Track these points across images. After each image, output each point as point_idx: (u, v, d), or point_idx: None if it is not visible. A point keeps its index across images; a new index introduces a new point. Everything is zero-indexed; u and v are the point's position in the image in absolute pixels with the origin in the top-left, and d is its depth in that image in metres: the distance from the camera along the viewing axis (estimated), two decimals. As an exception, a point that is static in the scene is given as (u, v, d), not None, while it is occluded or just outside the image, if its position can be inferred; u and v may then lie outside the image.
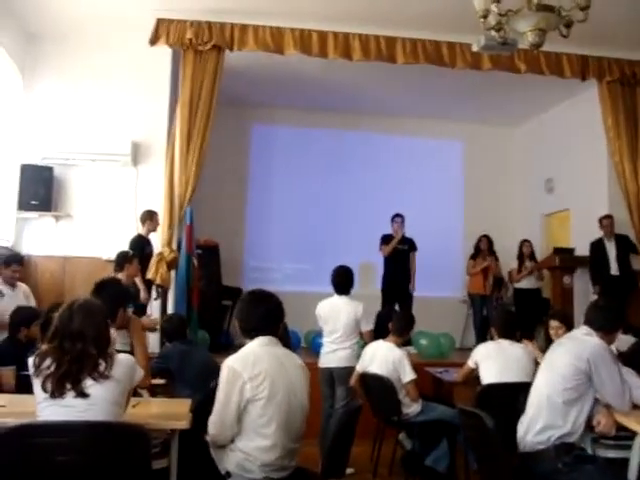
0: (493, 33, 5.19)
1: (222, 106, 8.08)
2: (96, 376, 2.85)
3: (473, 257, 10.05)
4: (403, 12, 7.51)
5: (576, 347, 3.65)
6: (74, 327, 2.92)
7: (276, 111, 11.05)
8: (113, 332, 3.47)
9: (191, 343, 5.33)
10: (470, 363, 5.38)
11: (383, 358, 5.46)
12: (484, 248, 9.95)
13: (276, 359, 3.30)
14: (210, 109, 7.70)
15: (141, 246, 7.31)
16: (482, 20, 5.08)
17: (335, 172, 11.27)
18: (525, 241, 9.91)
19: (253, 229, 11.00)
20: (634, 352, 4.02)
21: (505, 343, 5.24)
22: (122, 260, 6.28)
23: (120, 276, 5.86)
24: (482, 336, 9.16)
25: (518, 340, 5.43)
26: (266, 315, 3.41)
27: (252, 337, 3.38)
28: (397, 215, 9.46)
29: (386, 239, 9.46)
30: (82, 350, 2.88)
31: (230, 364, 3.22)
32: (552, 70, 8.21)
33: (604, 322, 3.75)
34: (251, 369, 3.17)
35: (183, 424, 3.29)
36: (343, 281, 6.02)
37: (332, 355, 5.95)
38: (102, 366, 2.88)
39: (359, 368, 5.65)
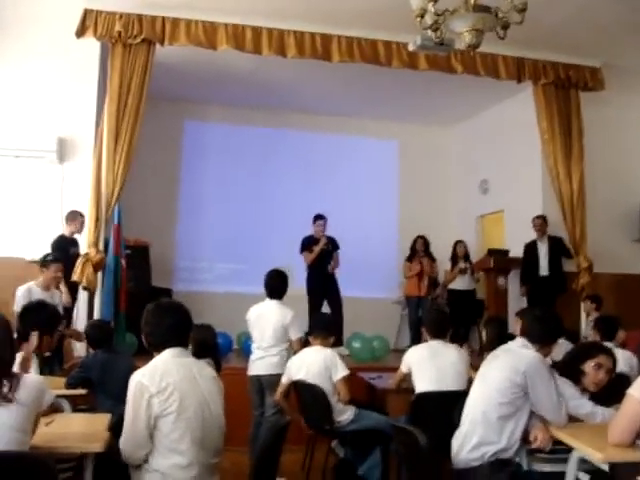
0: (430, 33, 5.13)
1: (153, 101, 7.87)
2: None
3: (409, 259, 9.92)
4: (339, 9, 7.40)
5: (512, 360, 3.57)
6: None
7: (209, 107, 10.84)
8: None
9: (115, 352, 5.10)
10: (403, 368, 5.24)
11: (313, 361, 5.25)
12: (420, 249, 9.83)
13: (187, 371, 3.11)
14: (139, 105, 7.44)
15: (63, 247, 7.04)
16: (419, 19, 5.01)
17: (269, 171, 11.10)
18: (459, 242, 9.91)
19: (184, 228, 10.77)
20: (568, 361, 3.94)
21: (438, 345, 5.12)
22: (41, 263, 6.18)
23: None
24: (417, 337, 9.10)
25: (450, 340, 5.35)
26: (175, 327, 3.21)
27: (161, 351, 3.17)
28: (319, 217, 9.07)
29: (308, 242, 9.06)
30: None
31: (137, 378, 3.02)
32: (488, 71, 8.22)
33: (541, 334, 3.68)
34: (158, 382, 2.97)
35: (97, 446, 3.06)
36: (274, 285, 5.88)
37: (260, 362, 5.78)
38: (6, 388, 2.64)
39: (284, 380, 5.41)
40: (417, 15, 4.97)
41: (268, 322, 5.76)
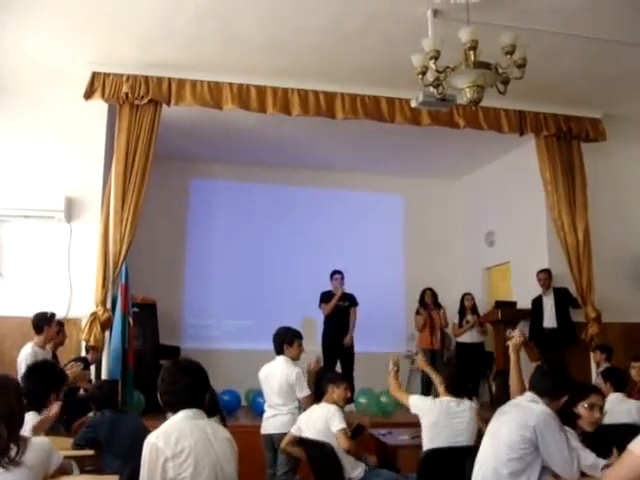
0: (432, 89, 5.22)
1: (160, 160, 7.93)
2: (6, 463, 2.57)
3: (418, 312, 9.88)
4: (342, 67, 7.51)
5: (521, 415, 3.53)
6: None
7: (215, 166, 10.95)
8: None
9: (121, 411, 5.08)
10: (412, 409, 5.09)
11: (317, 418, 5.21)
12: (429, 301, 9.80)
13: (202, 433, 3.05)
14: (146, 165, 7.51)
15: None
16: (420, 77, 5.11)
17: (276, 227, 11.16)
18: (466, 294, 9.87)
19: (192, 285, 10.76)
20: (560, 407, 3.84)
21: (452, 405, 4.85)
22: (40, 322, 6.18)
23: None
24: (428, 391, 9.00)
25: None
26: (191, 387, 3.15)
27: (176, 411, 3.11)
28: (336, 272, 9.30)
29: (326, 296, 9.26)
30: None
31: (152, 441, 2.96)
32: (490, 125, 8.29)
33: (549, 388, 3.65)
34: (174, 446, 2.91)
35: (106, 508, 3.03)
36: (277, 342, 5.88)
37: (272, 420, 5.76)
38: (13, 451, 2.61)
39: (293, 430, 5.35)
40: (419, 72, 5.09)
41: (275, 380, 5.77)
